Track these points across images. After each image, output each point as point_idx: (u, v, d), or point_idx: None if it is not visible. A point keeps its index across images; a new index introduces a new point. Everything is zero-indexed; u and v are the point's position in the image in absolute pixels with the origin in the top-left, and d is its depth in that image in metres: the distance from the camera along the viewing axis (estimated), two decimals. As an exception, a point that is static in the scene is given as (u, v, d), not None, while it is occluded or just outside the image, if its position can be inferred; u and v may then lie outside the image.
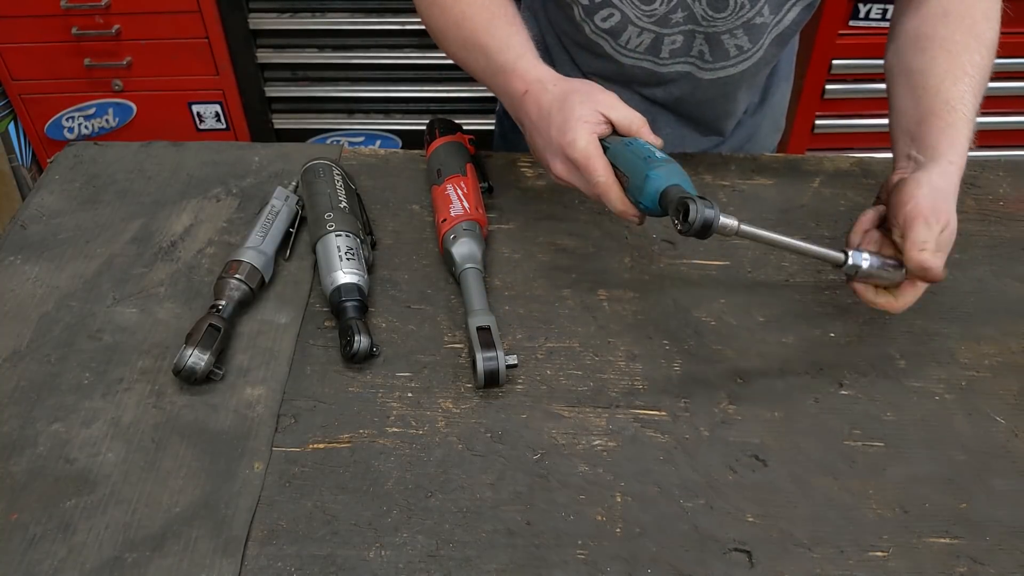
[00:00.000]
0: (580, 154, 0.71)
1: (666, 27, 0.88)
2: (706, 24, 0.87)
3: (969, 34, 0.78)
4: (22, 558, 0.61)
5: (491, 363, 0.71)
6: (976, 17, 0.79)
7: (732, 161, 1.00)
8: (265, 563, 0.62)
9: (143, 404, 0.72)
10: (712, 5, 0.85)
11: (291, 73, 2.02)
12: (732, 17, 0.86)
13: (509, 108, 0.79)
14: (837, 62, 1.84)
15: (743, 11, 0.85)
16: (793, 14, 0.88)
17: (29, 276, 0.84)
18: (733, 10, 0.85)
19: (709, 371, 0.76)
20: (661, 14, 0.86)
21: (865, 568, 0.62)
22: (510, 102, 0.78)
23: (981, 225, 0.93)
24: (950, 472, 0.69)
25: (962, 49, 0.77)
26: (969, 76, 0.76)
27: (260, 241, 0.82)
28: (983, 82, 0.77)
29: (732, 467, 0.69)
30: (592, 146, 0.71)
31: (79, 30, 1.83)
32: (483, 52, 0.79)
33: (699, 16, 0.86)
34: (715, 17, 0.86)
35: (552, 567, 0.62)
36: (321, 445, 0.70)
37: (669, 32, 0.88)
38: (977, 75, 0.76)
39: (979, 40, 0.78)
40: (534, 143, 0.76)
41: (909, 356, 0.78)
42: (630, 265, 0.86)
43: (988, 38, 0.79)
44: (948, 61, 0.77)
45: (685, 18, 0.87)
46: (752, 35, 0.88)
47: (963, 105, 0.75)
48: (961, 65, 0.76)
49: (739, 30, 0.88)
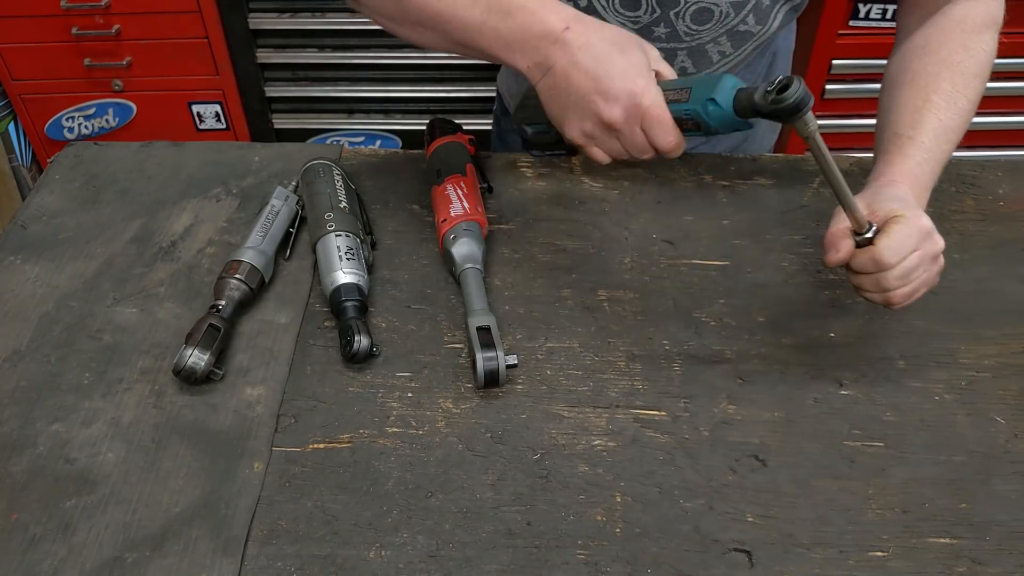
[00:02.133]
0: (655, 105, 0.66)
1: (648, 38, 0.88)
2: (689, 39, 0.88)
3: (943, 65, 0.78)
4: (22, 558, 0.61)
5: (491, 363, 0.71)
6: (952, 47, 0.79)
7: (732, 161, 1.00)
8: (265, 563, 0.62)
9: (143, 404, 0.72)
10: (696, 19, 0.86)
11: (291, 73, 2.02)
12: (716, 27, 0.87)
13: (530, 51, 0.68)
14: (837, 62, 1.84)
15: (728, 20, 0.86)
16: (779, 20, 0.88)
17: (29, 276, 0.84)
18: (717, 20, 0.86)
19: (709, 371, 0.76)
20: (644, 23, 0.87)
21: (865, 568, 0.62)
22: (536, 45, 0.67)
23: (981, 225, 0.93)
24: (951, 473, 0.69)
25: (931, 80, 0.78)
26: (933, 105, 0.76)
27: (260, 241, 0.82)
28: (958, 107, 0.77)
29: (732, 467, 0.69)
30: (661, 98, 0.67)
31: (79, 30, 1.83)
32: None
33: (682, 33, 0.87)
34: (698, 31, 0.87)
35: (552, 568, 0.62)
36: (321, 445, 0.70)
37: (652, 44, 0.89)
38: (944, 103, 0.76)
39: (953, 70, 0.78)
40: (574, 87, 0.67)
41: (909, 356, 0.78)
42: (630, 265, 0.86)
43: (966, 67, 0.78)
44: (913, 94, 0.78)
45: (668, 35, 0.87)
46: (735, 41, 0.89)
47: (918, 133, 0.75)
48: (925, 96, 0.77)
49: (723, 38, 0.88)
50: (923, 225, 0.69)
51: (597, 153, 0.71)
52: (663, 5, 0.85)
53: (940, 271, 0.72)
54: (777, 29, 0.89)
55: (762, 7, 0.85)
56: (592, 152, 0.71)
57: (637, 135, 0.67)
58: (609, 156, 0.71)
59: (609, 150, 0.70)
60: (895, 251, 0.67)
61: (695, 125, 0.67)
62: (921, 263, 0.69)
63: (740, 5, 0.84)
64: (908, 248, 0.68)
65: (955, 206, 0.95)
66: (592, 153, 0.71)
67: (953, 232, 0.91)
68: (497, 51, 0.70)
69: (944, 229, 0.91)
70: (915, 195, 0.73)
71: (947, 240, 0.89)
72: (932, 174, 0.76)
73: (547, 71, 0.68)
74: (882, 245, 0.67)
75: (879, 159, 0.78)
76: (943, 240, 0.70)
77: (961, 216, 0.94)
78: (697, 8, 0.84)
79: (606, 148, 0.70)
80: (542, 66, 0.68)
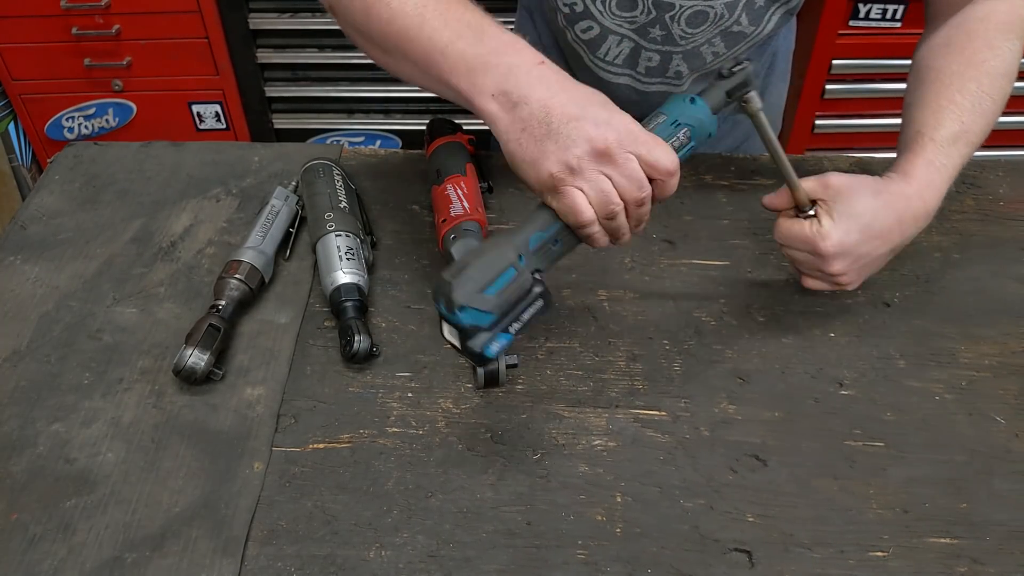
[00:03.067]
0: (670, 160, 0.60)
1: (644, 39, 0.88)
2: (684, 43, 0.88)
3: (968, 64, 0.78)
4: (22, 558, 0.61)
5: (491, 364, 0.71)
6: (978, 46, 0.78)
7: (732, 162, 1.00)
8: (265, 563, 0.62)
9: (143, 404, 0.72)
10: (691, 22, 0.86)
11: (291, 73, 2.02)
12: (711, 28, 0.87)
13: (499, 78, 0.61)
14: (837, 62, 1.84)
15: (722, 21, 0.86)
16: (774, 22, 0.88)
17: (29, 276, 0.84)
18: (712, 22, 0.86)
19: (709, 371, 0.76)
20: (641, 23, 0.87)
21: (865, 568, 0.62)
22: (507, 71, 0.60)
23: (981, 225, 0.93)
24: (950, 472, 0.69)
25: (956, 79, 0.77)
26: (957, 106, 0.76)
27: (260, 241, 0.82)
28: (983, 109, 0.77)
29: (732, 467, 0.69)
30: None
31: (79, 30, 1.83)
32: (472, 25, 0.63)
33: (677, 36, 0.87)
34: (693, 33, 0.87)
35: (552, 568, 0.62)
36: (321, 445, 0.70)
37: (647, 46, 0.89)
38: (969, 104, 0.76)
39: (979, 68, 0.78)
40: (563, 112, 0.59)
41: (909, 356, 0.78)
42: (630, 265, 0.86)
43: (992, 66, 0.78)
44: (937, 92, 0.78)
45: (663, 38, 0.88)
46: (728, 41, 0.89)
47: (938, 132, 0.75)
48: (950, 96, 0.77)
49: (716, 38, 0.88)
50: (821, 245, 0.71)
51: (576, 196, 0.59)
52: (659, 7, 0.85)
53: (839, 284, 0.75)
54: (772, 30, 0.89)
55: (755, 7, 0.85)
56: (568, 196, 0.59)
57: (632, 162, 0.59)
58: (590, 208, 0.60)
59: (594, 190, 0.59)
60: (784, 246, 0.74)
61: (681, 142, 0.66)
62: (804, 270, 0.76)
63: (732, 5, 0.84)
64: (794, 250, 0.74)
65: (955, 206, 0.95)
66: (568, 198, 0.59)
67: (953, 232, 0.91)
68: (456, 78, 0.62)
69: (944, 229, 0.91)
70: (926, 197, 0.74)
71: (947, 240, 0.90)
72: (948, 177, 0.75)
73: (519, 102, 0.60)
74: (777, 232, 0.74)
75: (899, 156, 0.77)
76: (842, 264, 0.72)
77: (961, 216, 0.94)
78: (693, 11, 0.85)
79: (590, 188, 0.59)
80: (511, 96, 0.60)
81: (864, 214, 0.71)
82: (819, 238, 0.71)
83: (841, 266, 0.72)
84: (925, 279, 0.86)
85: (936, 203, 0.74)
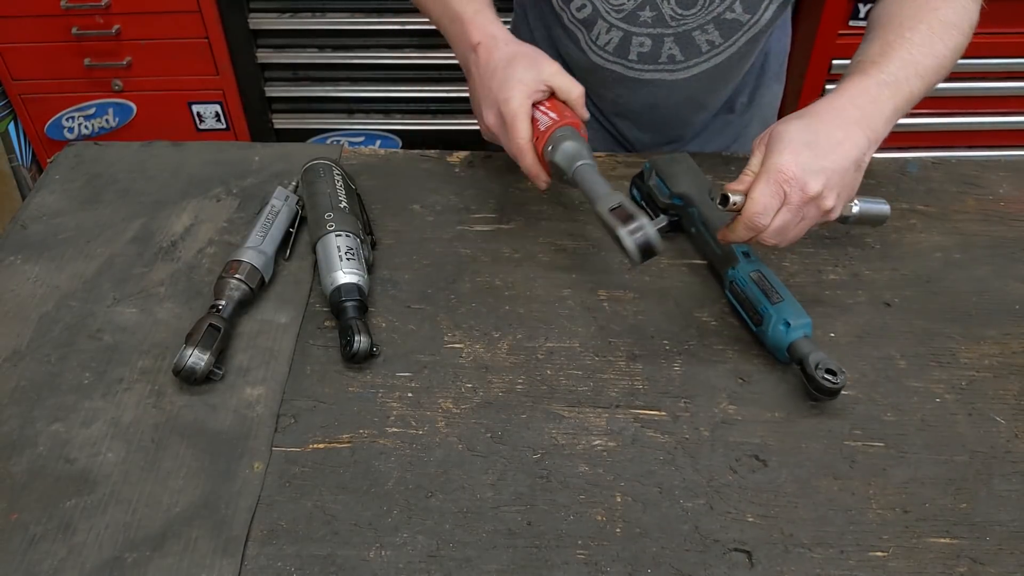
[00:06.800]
0: (510, 112, 0.76)
1: (634, 25, 0.89)
2: (675, 24, 0.88)
3: (920, 9, 0.79)
4: (22, 558, 0.61)
5: (639, 235, 0.66)
6: (935, 2, 0.79)
7: (732, 162, 1.00)
8: (265, 563, 0.62)
9: (143, 404, 0.72)
10: (681, 3, 0.86)
11: (291, 73, 2.02)
12: (702, 13, 0.87)
13: (459, 56, 0.84)
14: (837, 62, 1.84)
15: (713, 6, 0.86)
16: (770, 12, 0.88)
17: (29, 276, 0.84)
18: (703, 6, 0.86)
19: (710, 371, 0.76)
20: (629, 10, 0.88)
21: (866, 568, 0.62)
22: (461, 51, 0.82)
23: (982, 225, 0.93)
24: (951, 473, 0.68)
25: (907, 20, 0.78)
26: (906, 40, 0.76)
27: (260, 241, 0.82)
28: (933, 50, 0.77)
29: (733, 467, 0.69)
30: (522, 109, 0.76)
31: (79, 30, 1.84)
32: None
33: (667, 16, 0.87)
34: (684, 15, 0.87)
35: (552, 568, 0.62)
36: (321, 445, 0.69)
37: (637, 32, 0.89)
38: (919, 40, 0.76)
39: (930, 14, 0.78)
40: (475, 92, 0.81)
41: (910, 356, 0.78)
42: (630, 265, 0.86)
43: (944, 14, 0.78)
44: (887, 32, 0.78)
45: (653, 19, 0.88)
46: (723, 30, 0.89)
47: (885, 60, 0.75)
48: (899, 33, 0.77)
49: (709, 25, 0.88)
50: (783, 174, 0.69)
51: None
52: None
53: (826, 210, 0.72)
54: (769, 21, 0.89)
55: None
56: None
57: (507, 140, 0.78)
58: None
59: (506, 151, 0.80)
60: (762, 215, 0.70)
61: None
62: (793, 216, 0.71)
63: None
64: (773, 208, 0.70)
65: (956, 206, 0.95)
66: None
67: (954, 232, 0.91)
68: (450, 45, 0.85)
69: (945, 229, 0.91)
70: (864, 113, 0.72)
71: (948, 240, 0.90)
72: (892, 99, 0.74)
73: (468, 73, 0.83)
74: (749, 213, 0.70)
75: (838, 84, 0.77)
76: (817, 181, 0.70)
77: (962, 216, 0.94)
78: None
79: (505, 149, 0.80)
80: (465, 67, 0.83)
81: (799, 133, 0.71)
82: (777, 169, 0.69)
83: (817, 184, 0.69)
84: (926, 279, 0.86)
85: (874, 110, 0.73)
